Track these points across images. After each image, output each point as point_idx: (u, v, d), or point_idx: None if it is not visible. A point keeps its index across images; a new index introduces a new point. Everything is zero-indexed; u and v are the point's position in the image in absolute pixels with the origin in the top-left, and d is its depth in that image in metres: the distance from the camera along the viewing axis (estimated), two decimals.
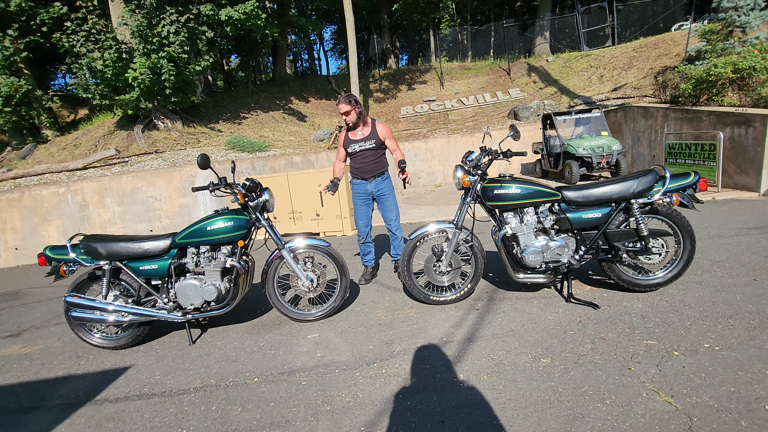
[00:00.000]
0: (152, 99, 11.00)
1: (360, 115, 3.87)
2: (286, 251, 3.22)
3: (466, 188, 3.22)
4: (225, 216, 3.09)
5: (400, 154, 3.90)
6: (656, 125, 9.78)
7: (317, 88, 18.84)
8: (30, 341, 3.74)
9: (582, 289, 3.33)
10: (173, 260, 3.09)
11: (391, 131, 3.99)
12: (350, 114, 3.83)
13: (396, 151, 3.94)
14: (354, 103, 3.83)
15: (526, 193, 3.02)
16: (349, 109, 3.81)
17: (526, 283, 3.44)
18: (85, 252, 3.03)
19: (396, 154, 3.93)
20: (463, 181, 3.04)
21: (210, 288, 3.06)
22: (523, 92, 17.26)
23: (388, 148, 4.01)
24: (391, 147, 3.98)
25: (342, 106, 3.82)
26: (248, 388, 2.46)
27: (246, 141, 11.56)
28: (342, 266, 3.35)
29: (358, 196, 4.07)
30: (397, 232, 4.03)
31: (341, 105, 3.83)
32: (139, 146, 10.59)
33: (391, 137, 3.96)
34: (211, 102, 14.63)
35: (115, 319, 3.04)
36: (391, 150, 4.00)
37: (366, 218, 4.10)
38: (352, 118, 3.85)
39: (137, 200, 8.75)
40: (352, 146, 3.95)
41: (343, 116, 3.87)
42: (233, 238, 3.10)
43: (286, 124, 15.15)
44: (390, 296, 3.75)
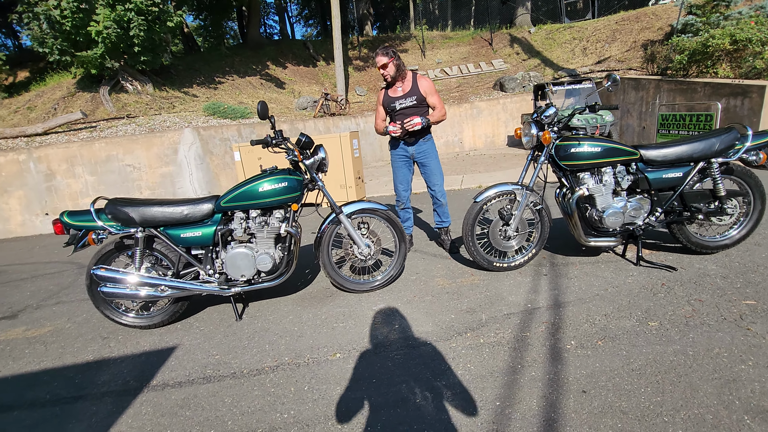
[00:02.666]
0: (119, 57, 9.89)
1: (399, 68, 3.52)
2: (344, 216, 2.90)
3: (537, 147, 3.01)
4: (276, 176, 2.72)
5: (440, 113, 3.60)
6: (648, 97, 9.95)
7: (294, 53, 17.79)
8: (33, 323, 3.25)
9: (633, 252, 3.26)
10: (219, 226, 2.70)
11: (434, 86, 3.66)
12: (388, 67, 3.46)
13: (438, 110, 3.64)
14: (392, 55, 3.47)
15: (606, 152, 2.85)
16: (386, 62, 3.44)
17: (593, 248, 3.34)
18: (113, 218, 2.58)
19: (435, 110, 3.63)
20: (543, 138, 2.82)
21: (264, 257, 2.71)
22: (506, 63, 17.12)
23: (430, 105, 3.69)
24: (433, 103, 3.66)
25: (380, 59, 3.44)
26: (334, 364, 2.19)
27: (227, 107, 10.74)
28: (401, 231, 3.09)
29: (398, 158, 3.76)
30: (441, 198, 3.78)
31: (378, 57, 3.45)
32: (108, 110, 9.56)
33: (434, 92, 3.63)
34: (182, 65, 13.44)
35: (150, 294, 2.65)
36: (432, 107, 3.68)
37: (406, 182, 3.81)
38: (390, 71, 3.48)
39: (113, 169, 7.94)
40: (392, 104, 3.60)
41: (381, 70, 3.50)
42: (286, 200, 2.74)
43: (265, 91, 14.25)
44: (441, 264, 3.54)
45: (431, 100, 3.64)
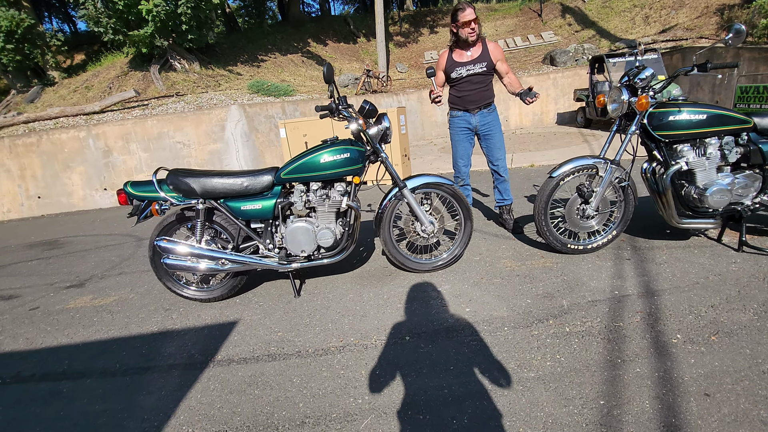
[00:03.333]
0: (167, 36, 10.04)
1: (479, 25, 3.22)
2: (408, 191, 2.71)
3: (626, 116, 2.66)
4: (337, 147, 2.55)
5: (516, 80, 3.29)
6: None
7: (334, 30, 17.49)
8: (99, 292, 3.33)
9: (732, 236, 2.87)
10: (279, 199, 2.59)
11: (503, 52, 3.34)
12: (475, 25, 3.14)
13: (509, 76, 3.33)
14: (476, 14, 3.17)
15: (712, 120, 2.47)
16: (473, 17, 3.13)
17: (685, 230, 2.98)
18: (174, 188, 2.52)
19: (510, 80, 3.32)
20: (639, 104, 2.47)
21: (325, 232, 2.58)
22: (557, 36, 16.04)
23: (499, 73, 3.38)
24: (504, 70, 3.35)
25: (468, 13, 3.10)
26: (405, 348, 2.04)
27: (270, 85, 10.73)
28: (467, 208, 2.86)
29: (459, 130, 3.50)
30: (504, 174, 3.51)
31: (467, 11, 3.11)
32: (158, 88, 9.78)
33: (504, 59, 3.32)
34: (226, 43, 13.53)
35: (211, 267, 2.59)
36: (501, 74, 3.37)
37: (467, 156, 3.55)
38: (477, 28, 3.17)
39: (164, 146, 8.13)
40: (458, 70, 3.32)
41: (465, 29, 3.15)
42: (347, 173, 2.58)
43: (306, 69, 14.14)
44: (506, 244, 3.30)
45: (502, 68, 3.33)
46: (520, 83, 3.26)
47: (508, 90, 3.33)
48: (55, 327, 2.77)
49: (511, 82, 3.30)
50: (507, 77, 3.33)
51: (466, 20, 3.12)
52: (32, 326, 2.83)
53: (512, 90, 3.29)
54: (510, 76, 3.31)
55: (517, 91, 3.21)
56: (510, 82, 3.31)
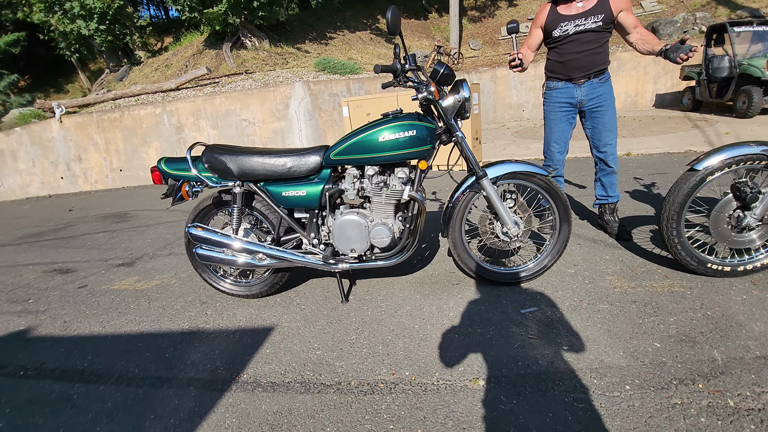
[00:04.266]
0: (239, 13, 10.03)
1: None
2: (488, 181, 2.11)
3: None
4: (400, 122, 2.01)
5: (650, 34, 2.46)
6: None
7: (405, 5, 16.67)
8: (145, 274, 3.17)
9: None
10: (326, 185, 2.13)
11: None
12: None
13: (639, 30, 2.49)
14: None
15: None
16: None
17: None
18: (210, 167, 2.16)
19: (642, 35, 2.47)
20: None
21: (381, 228, 2.08)
22: (660, 4, 13.83)
23: (624, 27, 2.55)
24: (632, 23, 2.50)
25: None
26: (478, 398, 1.50)
27: (336, 62, 10.37)
28: (565, 207, 2.20)
29: (557, 106, 2.76)
30: (613, 164, 2.73)
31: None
32: (229, 66, 9.87)
33: (630, 7, 2.50)
34: (296, 20, 13.41)
35: (248, 262, 2.22)
36: (627, 29, 2.51)
37: (564, 140, 2.82)
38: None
39: (231, 123, 8.15)
40: (563, 26, 2.56)
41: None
42: (412, 156, 2.04)
43: (374, 46, 13.61)
44: (609, 254, 2.57)
45: (628, 20, 2.50)
46: (657, 38, 2.41)
47: (639, 49, 2.48)
48: (93, 311, 2.61)
49: (643, 38, 2.46)
50: (636, 32, 2.49)
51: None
52: (74, 307, 2.70)
53: (647, 48, 2.44)
54: (641, 31, 2.48)
55: (657, 49, 2.37)
56: (642, 38, 2.46)
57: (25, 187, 8.78)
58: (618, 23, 2.51)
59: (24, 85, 16.32)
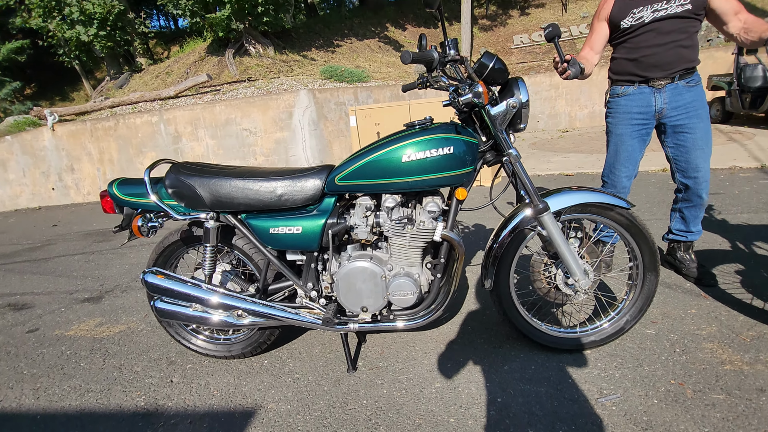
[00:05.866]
0: (243, 19, 9.63)
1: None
2: (550, 216, 1.54)
3: None
4: (432, 135, 1.46)
5: (758, 20, 1.85)
6: None
7: (414, 13, 16.32)
8: (110, 315, 2.62)
9: None
10: (330, 219, 1.57)
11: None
12: None
13: (741, 17, 1.88)
14: None
15: None
16: None
17: None
18: (175, 193, 1.62)
19: (747, 22, 1.86)
20: None
21: (404, 282, 1.52)
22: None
23: (715, 16, 1.94)
24: (731, 8, 1.89)
25: None
26: None
27: (344, 70, 9.92)
28: (652, 251, 1.62)
29: (628, 118, 2.17)
30: (703, 193, 2.12)
31: None
32: (231, 73, 9.45)
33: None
34: (302, 27, 13.04)
35: (223, 320, 1.66)
36: (725, 17, 1.90)
37: (634, 162, 2.22)
38: None
39: (231, 132, 7.67)
40: (635, 13, 2.00)
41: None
42: (447, 181, 1.49)
43: (383, 54, 13.18)
44: (696, 306, 1.98)
45: (726, 4, 1.89)
46: (766, 23, 1.83)
47: (742, 41, 1.90)
48: (33, 369, 2.06)
49: (748, 27, 1.85)
50: (737, 19, 1.88)
51: None
52: (13, 362, 2.15)
53: (752, 38, 1.84)
54: (744, 17, 1.89)
55: (766, 36, 1.80)
56: (747, 26, 1.85)
57: (14, 198, 8.34)
58: (711, 9, 1.94)
59: (30, 92, 16.11)
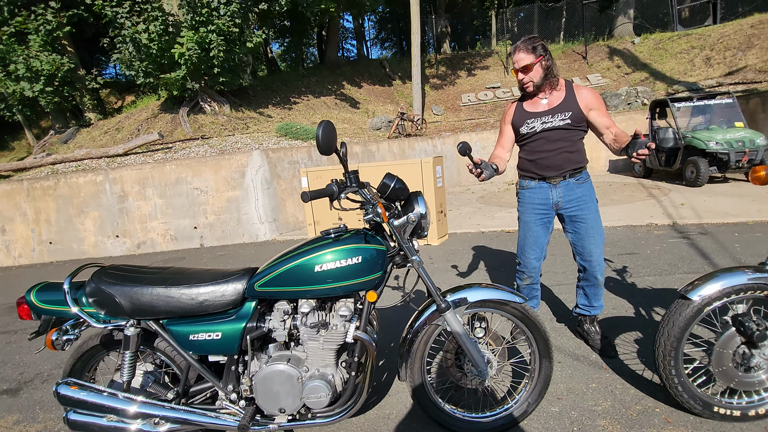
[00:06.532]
0: (199, 79, 9.87)
1: (548, 72, 2.27)
2: (452, 314, 1.72)
3: None
4: (343, 246, 1.63)
5: (624, 134, 2.22)
6: None
7: (370, 72, 17.35)
8: (27, 411, 2.47)
9: None
10: (250, 323, 1.66)
11: (603, 100, 2.32)
12: (532, 70, 2.23)
13: (612, 131, 2.25)
14: (541, 52, 2.23)
15: None
16: (531, 62, 2.21)
17: None
18: (95, 301, 1.66)
19: (616, 135, 2.21)
20: None
21: (317, 385, 1.61)
22: (605, 78, 15.04)
23: (596, 127, 2.33)
24: (604, 123, 2.28)
25: (520, 56, 2.22)
26: None
27: (299, 127, 10.26)
28: (545, 340, 1.82)
29: (531, 208, 2.47)
30: (599, 274, 2.41)
31: (519, 54, 2.22)
32: (184, 131, 9.50)
33: (602, 108, 2.30)
34: (260, 85, 13.47)
35: (140, 430, 1.66)
36: (603, 128, 2.28)
37: (541, 246, 2.50)
38: (535, 76, 2.25)
39: (181, 192, 7.61)
40: (529, 123, 2.35)
41: (520, 75, 2.28)
42: (359, 287, 1.64)
43: (339, 111, 13.79)
44: (596, 380, 2.19)
45: (602, 121, 2.29)
46: (627, 134, 2.21)
47: (613, 149, 2.24)
48: None
49: (616, 138, 2.21)
50: (609, 132, 2.25)
51: (517, 67, 2.24)
52: None
53: (619, 147, 2.19)
54: (615, 130, 2.24)
55: (624, 147, 2.13)
56: (616, 138, 2.21)
57: None
58: (590, 122, 2.32)
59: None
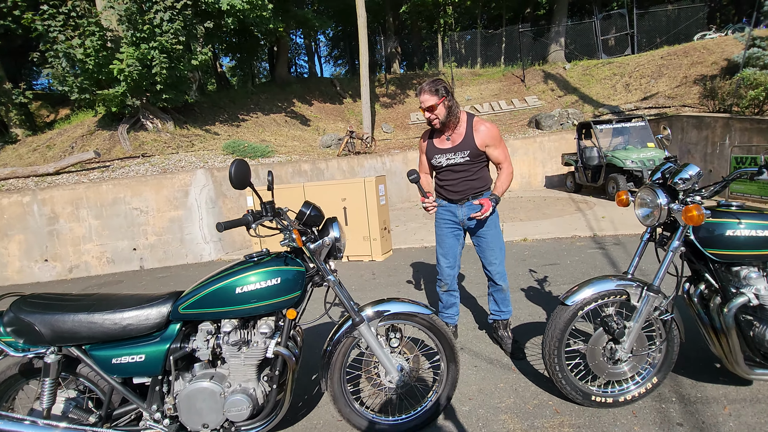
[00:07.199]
0: (141, 95, 9.60)
1: (451, 111, 2.57)
2: (365, 326, 1.91)
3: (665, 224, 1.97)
4: (263, 269, 1.78)
5: (506, 174, 2.65)
6: (714, 137, 8.73)
7: (321, 90, 17.58)
8: None
9: None
10: (174, 344, 1.76)
11: (500, 134, 2.69)
12: (437, 109, 2.53)
13: (502, 167, 2.68)
14: (443, 93, 2.52)
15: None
16: (435, 102, 2.50)
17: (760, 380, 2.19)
18: (14, 330, 1.68)
19: (501, 172, 2.68)
20: (688, 216, 1.75)
21: (238, 399, 1.72)
22: (540, 100, 16.28)
23: (493, 161, 2.73)
24: (496, 158, 2.69)
25: (424, 98, 2.50)
26: None
27: (247, 145, 10.21)
28: (451, 346, 2.05)
29: (443, 223, 2.79)
30: (501, 282, 2.75)
31: (423, 95, 2.51)
32: (124, 149, 9.15)
33: (499, 142, 2.66)
34: (207, 102, 13.24)
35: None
36: (495, 163, 2.71)
37: (453, 256, 2.81)
38: (440, 114, 2.55)
39: (119, 212, 7.32)
40: (437, 158, 2.68)
41: (426, 113, 2.57)
42: (279, 306, 1.79)
43: (289, 128, 13.84)
44: (504, 380, 2.45)
45: (494, 154, 2.67)
46: (509, 180, 2.64)
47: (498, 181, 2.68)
48: None
49: (499, 177, 2.67)
50: (498, 168, 2.71)
51: (423, 107, 2.54)
52: None
53: (498, 182, 2.67)
54: (503, 168, 2.68)
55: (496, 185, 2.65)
56: (499, 176, 2.67)
57: None
58: (488, 157, 2.67)
59: None
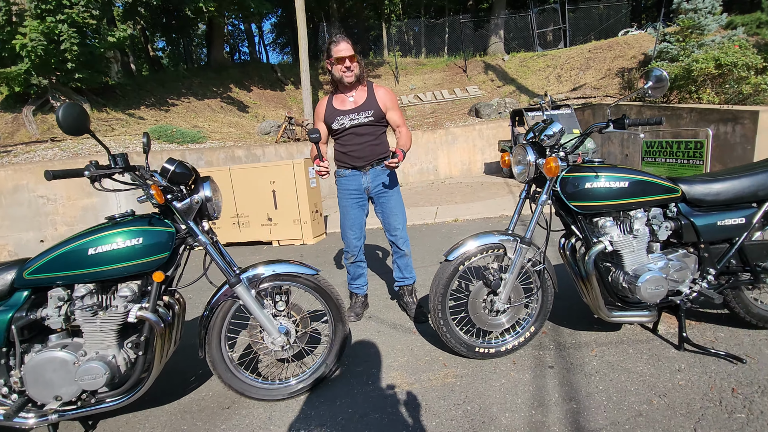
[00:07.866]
0: (49, 74, 8.72)
1: (361, 66, 2.60)
2: (243, 287, 1.85)
3: (536, 180, 2.08)
4: (123, 228, 1.66)
5: (406, 134, 2.70)
6: None
7: (260, 76, 16.96)
8: None
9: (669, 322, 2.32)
10: (18, 313, 1.60)
11: (396, 100, 2.73)
12: (355, 60, 2.53)
13: (401, 129, 2.72)
14: (355, 47, 2.55)
15: (635, 187, 1.94)
16: (351, 53, 2.50)
17: (619, 323, 2.38)
18: None
19: (401, 133, 2.71)
20: (547, 168, 1.87)
21: (93, 366, 1.60)
22: (481, 90, 16.79)
23: (390, 123, 2.77)
24: (395, 122, 2.74)
25: (344, 46, 2.49)
26: None
27: (175, 130, 9.64)
28: (337, 306, 2.05)
29: (347, 194, 2.78)
30: (404, 247, 2.80)
31: (340, 44, 2.49)
32: (29, 132, 8.29)
33: (396, 107, 2.72)
34: (131, 85, 12.30)
35: None
36: (394, 126, 2.77)
37: (359, 227, 2.82)
38: (356, 68, 2.55)
39: (21, 200, 6.64)
40: (339, 120, 2.65)
41: (339, 66, 2.52)
42: (143, 267, 1.68)
43: (225, 114, 13.24)
44: (402, 342, 2.50)
45: (393, 117, 2.72)
46: (410, 141, 2.67)
47: (398, 141, 2.70)
48: None
49: (399, 137, 2.69)
50: (398, 131, 2.73)
51: (340, 56, 2.50)
52: None
53: (398, 143, 2.68)
54: (402, 131, 2.70)
55: (398, 146, 2.62)
56: (399, 137, 2.70)
57: None
58: (387, 120, 2.69)
59: None
